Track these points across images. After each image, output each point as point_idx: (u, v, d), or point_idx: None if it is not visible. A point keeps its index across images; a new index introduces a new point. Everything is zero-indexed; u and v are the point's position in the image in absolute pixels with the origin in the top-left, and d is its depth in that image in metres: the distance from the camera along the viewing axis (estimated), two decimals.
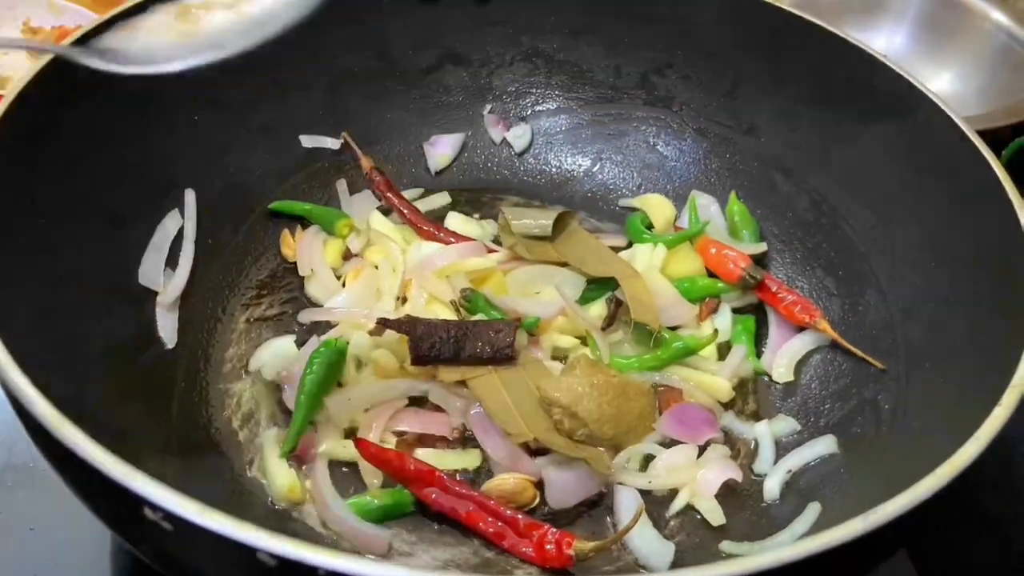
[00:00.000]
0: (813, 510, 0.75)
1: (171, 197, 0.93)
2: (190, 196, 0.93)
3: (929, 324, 0.81)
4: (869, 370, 0.85)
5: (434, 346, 0.80)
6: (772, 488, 0.80)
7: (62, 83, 0.80)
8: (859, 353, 0.86)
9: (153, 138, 0.90)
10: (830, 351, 0.91)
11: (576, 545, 0.72)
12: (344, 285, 0.95)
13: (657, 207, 1.06)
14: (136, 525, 0.54)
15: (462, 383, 0.82)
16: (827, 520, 0.72)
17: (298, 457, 0.80)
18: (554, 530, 0.73)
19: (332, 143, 1.06)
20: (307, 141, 1.05)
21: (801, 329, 0.92)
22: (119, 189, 0.86)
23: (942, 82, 1.39)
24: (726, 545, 0.75)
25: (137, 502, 0.51)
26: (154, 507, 0.50)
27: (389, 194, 1.03)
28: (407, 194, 1.06)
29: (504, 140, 1.12)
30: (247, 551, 0.49)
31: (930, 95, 0.85)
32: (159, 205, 0.91)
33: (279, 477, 0.78)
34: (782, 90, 1.00)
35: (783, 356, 0.91)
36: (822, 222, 0.97)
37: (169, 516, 0.50)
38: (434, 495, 0.75)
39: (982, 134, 0.81)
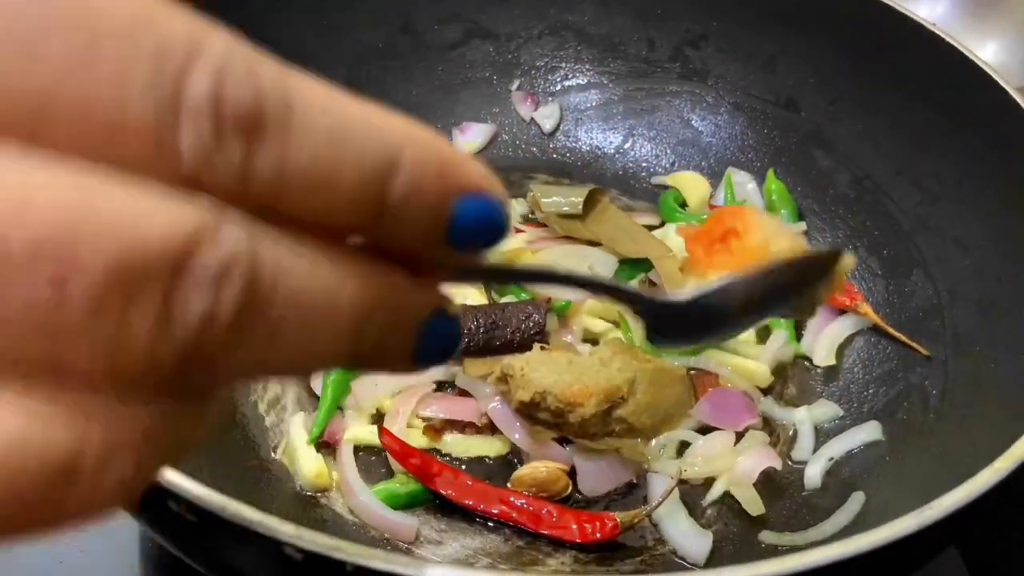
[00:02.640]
0: (857, 500, 0.72)
1: None
2: None
3: (979, 306, 0.78)
4: (915, 354, 0.82)
5: (464, 339, 0.79)
6: (814, 476, 0.77)
7: None
8: (902, 338, 0.83)
9: None
10: (874, 334, 0.87)
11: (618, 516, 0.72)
12: None
13: (691, 184, 1.03)
14: (160, 515, 0.53)
15: None
16: (872, 511, 0.70)
17: (325, 443, 0.79)
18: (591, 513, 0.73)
19: None
20: None
21: (843, 311, 0.89)
22: None
23: (987, 53, 1.33)
24: (766, 535, 0.72)
25: (160, 492, 0.49)
26: (177, 498, 0.49)
27: None
28: None
29: (532, 119, 1.10)
30: (272, 544, 0.47)
31: (982, 65, 0.81)
32: None
33: (306, 463, 0.76)
34: (822, 61, 0.96)
35: (824, 339, 0.87)
36: (865, 199, 0.93)
37: (192, 507, 0.49)
38: (458, 495, 0.74)
39: None
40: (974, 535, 0.72)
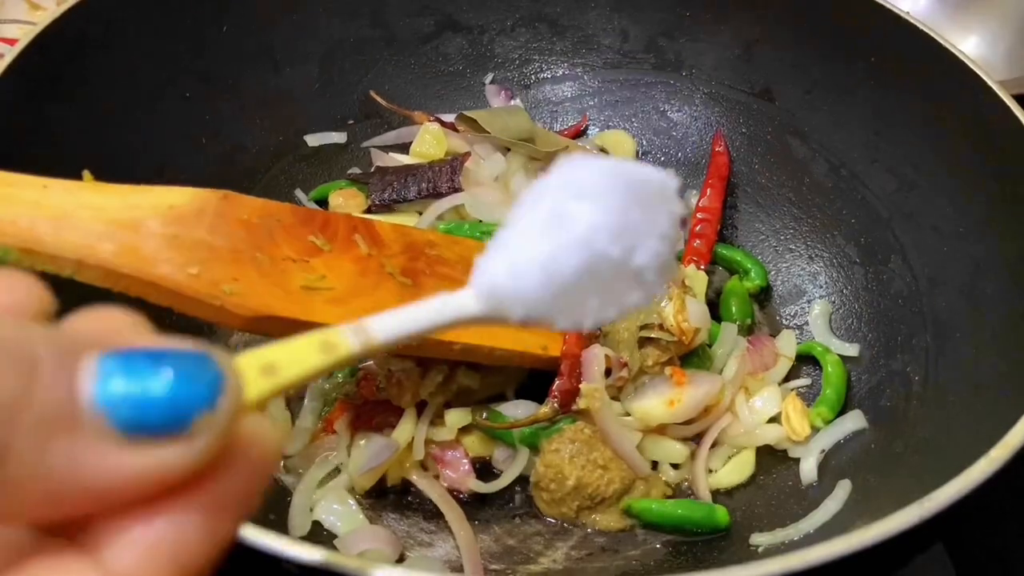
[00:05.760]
0: (844, 488, 0.72)
1: (165, 179, 0.88)
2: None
3: (958, 293, 0.78)
4: (896, 340, 0.82)
5: (386, 189, 0.95)
6: (809, 470, 0.77)
7: (44, 60, 0.76)
8: None
9: (143, 116, 0.86)
10: (855, 320, 0.88)
11: None
12: None
13: (616, 142, 1.05)
14: None
15: None
16: (862, 500, 0.70)
17: None
18: None
19: (338, 137, 1.03)
20: (313, 140, 1.01)
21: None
22: (109, 172, 0.82)
23: (968, 46, 1.33)
24: (757, 538, 0.71)
25: None
26: None
27: None
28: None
29: None
30: (270, 560, 0.46)
31: (959, 55, 0.81)
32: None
33: None
34: (797, 50, 0.96)
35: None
36: (841, 187, 0.93)
37: None
38: None
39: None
40: (960, 529, 0.72)
